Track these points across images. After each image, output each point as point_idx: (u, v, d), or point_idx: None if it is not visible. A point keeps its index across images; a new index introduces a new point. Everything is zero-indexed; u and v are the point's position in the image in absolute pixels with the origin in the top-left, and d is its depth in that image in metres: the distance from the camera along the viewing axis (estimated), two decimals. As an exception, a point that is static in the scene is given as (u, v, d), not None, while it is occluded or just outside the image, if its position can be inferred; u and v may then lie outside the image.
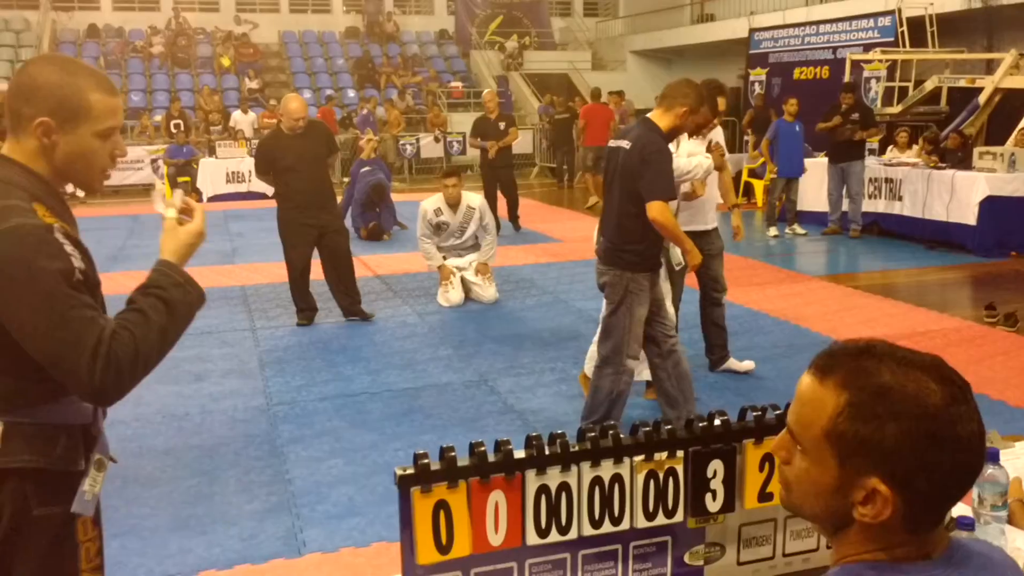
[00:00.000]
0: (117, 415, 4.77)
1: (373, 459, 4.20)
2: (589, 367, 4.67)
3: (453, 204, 7.20)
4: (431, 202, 7.26)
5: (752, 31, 16.60)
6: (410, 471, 1.51)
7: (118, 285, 7.98)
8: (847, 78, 12.13)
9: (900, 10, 13.43)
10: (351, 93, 20.20)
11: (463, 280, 7.24)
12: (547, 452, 1.59)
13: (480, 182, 10.74)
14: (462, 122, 17.99)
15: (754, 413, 1.72)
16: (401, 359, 5.78)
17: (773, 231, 10.46)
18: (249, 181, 15.12)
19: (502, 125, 10.82)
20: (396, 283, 8.02)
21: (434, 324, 6.63)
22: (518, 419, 4.69)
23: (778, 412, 1.73)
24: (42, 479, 1.75)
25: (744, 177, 13.32)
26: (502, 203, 10.82)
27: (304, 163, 6.31)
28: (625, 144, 4.04)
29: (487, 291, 7.26)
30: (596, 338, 4.64)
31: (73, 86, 1.79)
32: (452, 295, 7.13)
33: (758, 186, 12.98)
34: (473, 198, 7.39)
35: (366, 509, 3.69)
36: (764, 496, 1.70)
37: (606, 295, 4.19)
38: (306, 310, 6.66)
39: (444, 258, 7.27)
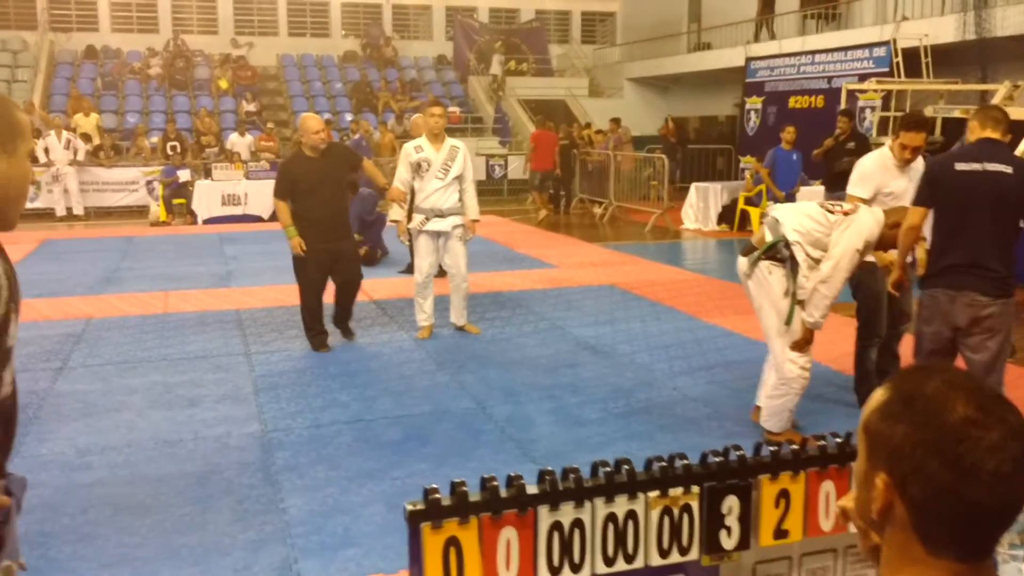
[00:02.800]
0: (109, 441, 4.72)
1: (370, 488, 4.13)
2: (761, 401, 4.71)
3: (437, 137, 6.63)
4: (413, 141, 6.84)
5: (748, 60, 16.71)
6: (420, 506, 1.46)
7: (111, 307, 7.97)
8: (843, 106, 12.19)
9: (895, 41, 13.54)
10: (348, 117, 20.22)
11: (439, 246, 6.78)
12: (561, 487, 1.54)
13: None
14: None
15: (770, 448, 1.68)
16: (397, 385, 5.72)
17: (770, 259, 10.43)
18: (245, 204, 15.10)
19: None
20: (391, 308, 7.97)
21: (430, 349, 6.58)
22: (516, 448, 4.63)
23: (794, 447, 1.69)
24: None
25: (740, 205, 13.35)
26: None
27: (325, 186, 6.27)
28: (1004, 168, 3.93)
29: (461, 260, 6.76)
30: (766, 367, 4.64)
31: (4, 106, 1.74)
32: (424, 263, 6.76)
33: (754, 214, 12.99)
34: (458, 142, 6.83)
35: (363, 540, 3.62)
36: (780, 533, 1.66)
37: (988, 326, 4.00)
38: (321, 334, 6.58)
39: (425, 220, 6.64)
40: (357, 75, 22.59)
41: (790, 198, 10.57)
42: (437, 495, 1.47)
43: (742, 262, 4.62)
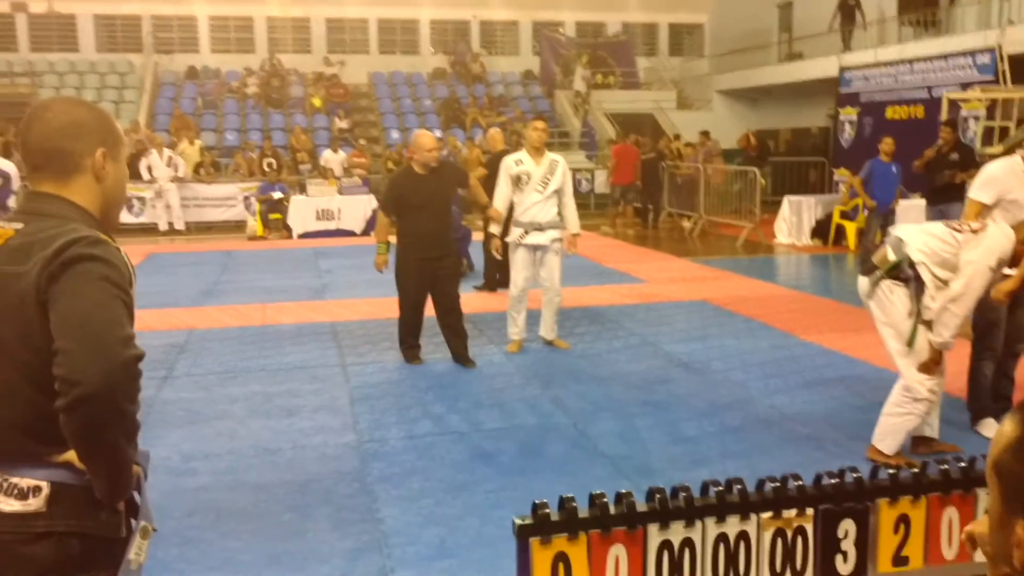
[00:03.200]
0: (212, 448, 4.87)
1: (463, 500, 4.16)
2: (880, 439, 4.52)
3: (537, 151, 6.70)
4: (513, 155, 6.92)
5: (843, 70, 16.31)
6: (529, 521, 1.46)
7: (212, 319, 8.24)
8: (944, 116, 11.78)
9: (1000, 47, 13.02)
10: (437, 133, 20.49)
11: (534, 260, 6.81)
12: (671, 506, 1.52)
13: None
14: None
15: (888, 471, 1.62)
16: (489, 399, 5.75)
17: (867, 274, 10.13)
18: (338, 219, 15.45)
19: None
20: (481, 321, 8.01)
21: (520, 363, 6.59)
22: (609, 464, 4.60)
23: (914, 471, 1.63)
24: (87, 544, 1.74)
25: (835, 219, 13.03)
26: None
27: (433, 204, 6.31)
28: None
29: (555, 274, 6.79)
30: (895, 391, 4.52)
31: (107, 118, 1.89)
32: (520, 277, 6.79)
33: (850, 228, 12.66)
34: (557, 156, 6.87)
35: (458, 551, 3.64)
36: (899, 560, 1.60)
37: None
38: (414, 347, 6.64)
39: (524, 233, 6.71)
40: (446, 92, 22.92)
41: (890, 212, 10.26)
42: (547, 510, 1.46)
43: (863, 282, 4.52)
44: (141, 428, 1.75)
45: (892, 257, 4.36)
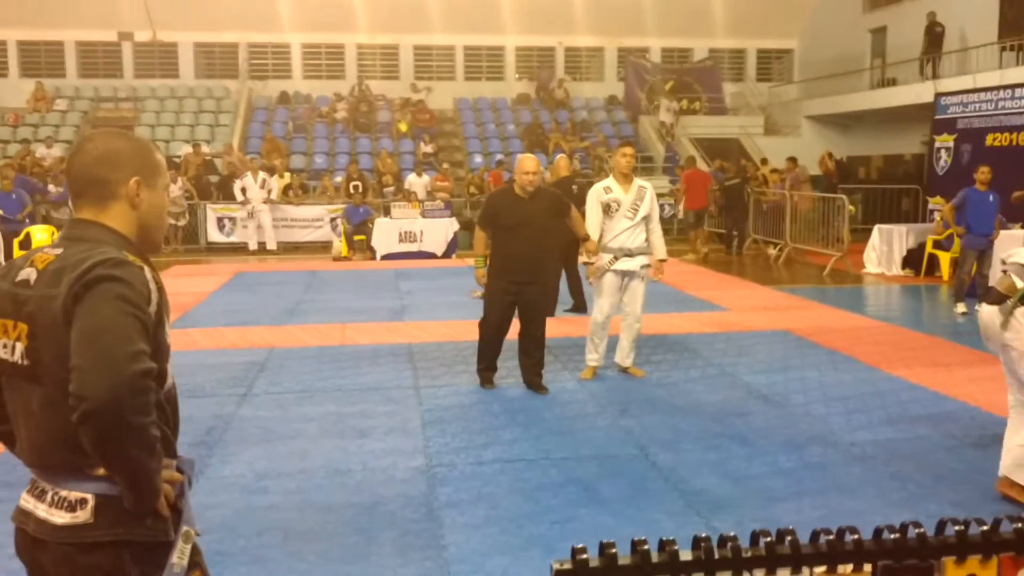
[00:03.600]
0: (284, 467, 4.94)
1: (529, 530, 4.11)
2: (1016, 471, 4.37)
3: (626, 178, 6.68)
4: (602, 182, 6.88)
5: (939, 95, 15.79)
6: (568, 565, 1.42)
7: (293, 338, 8.41)
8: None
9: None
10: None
11: (621, 286, 6.76)
12: (716, 555, 1.46)
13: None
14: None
15: (955, 527, 1.53)
16: (560, 426, 5.70)
17: (961, 307, 9.74)
18: (420, 241, 15.65)
19: (574, 188, 9.97)
20: (556, 347, 7.96)
21: (594, 391, 6.52)
22: (680, 499, 4.49)
23: (984, 528, 1.53)
24: (137, 551, 1.83)
25: (928, 249, 12.58)
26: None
27: (527, 228, 6.26)
28: None
29: (639, 301, 6.74)
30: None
31: (145, 147, 1.99)
32: (606, 303, 6.74)
33: (944, 258, 12.20)
34: (645, 182, 6.86)
35: (520, 583, 3.60)
36: (968, 624, 1.50)
37: None
38: (490, 370, 6.62)
39: (613, 259, 6.66)
40: (529, 117, 23.05)
41: (988, 243, 9.83)
42: (584, 555, 1.42)
43: (989, 311, 4.30)
44: (211, 453, 1.80)
45: (1020, 284, 4.19)
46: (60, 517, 1.83)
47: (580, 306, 9.65)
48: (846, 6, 23.20)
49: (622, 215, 6.65)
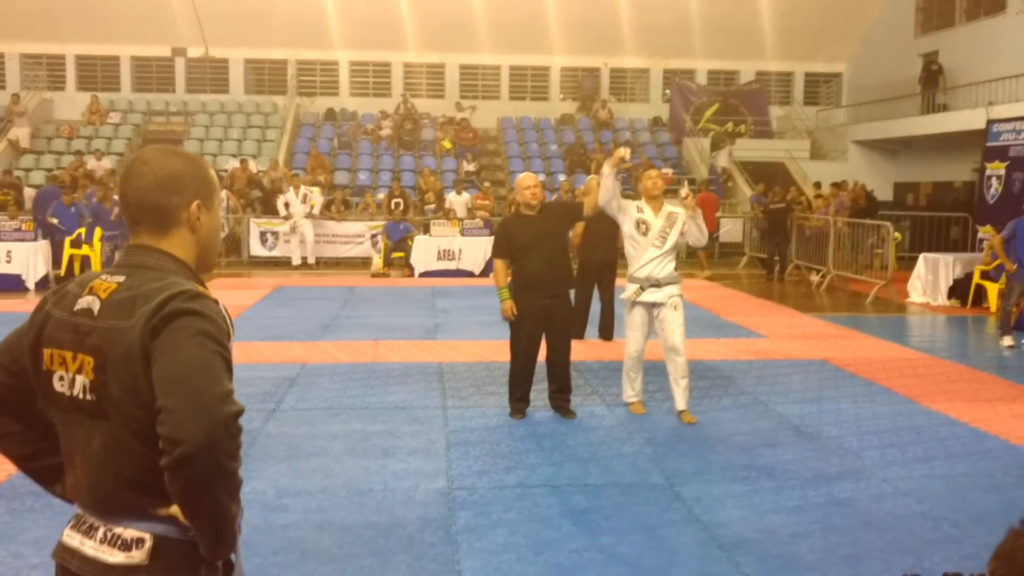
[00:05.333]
0: (306, 485, 4.94)
1: (546, 558, 4.04)
2: None
3: (654, 200, 6.42)
4: (634, 202, 6.56)
5: (991, 122, 15.46)
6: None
7: (325, 354, 8.45)
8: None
9: None
10: (561, 177, 20.63)
11: (651, 319, 6.44)
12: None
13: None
14: (670, 209, 17.90)
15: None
16: (585, 452, 5.62)
17: (1008, 341, 9.48)
18: (459, 259, 15.68)
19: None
20: (586, 370, 7.90)
21: (622, 418, 6.43)
22: (703, 531, 4.39)
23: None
24: None
25: (976, 279, 12.28)
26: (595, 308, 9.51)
27: (542, 243, 6.23)
28: None
29: (676, 332, 6.28)
30: None
31: (201, 166, 1.90)
32: (635, 335, 6.44)
33: (992, 289, 11.90)
34: (676, 207, 6.50)
35: (532, 613, 3.53)
36: None
37: None
38: (522, 401, 6.47)
39: (639, 290, 6.34)
40: (573, 137, 23.05)
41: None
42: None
43: None
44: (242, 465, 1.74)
45: None
46: (113, 556, 1.74)
47: (606, 333, 9.44)
48: (898, 31, 22.90)
49: (650, 242, 6.33)
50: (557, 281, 6.35)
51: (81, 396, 1.74)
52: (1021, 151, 14.46)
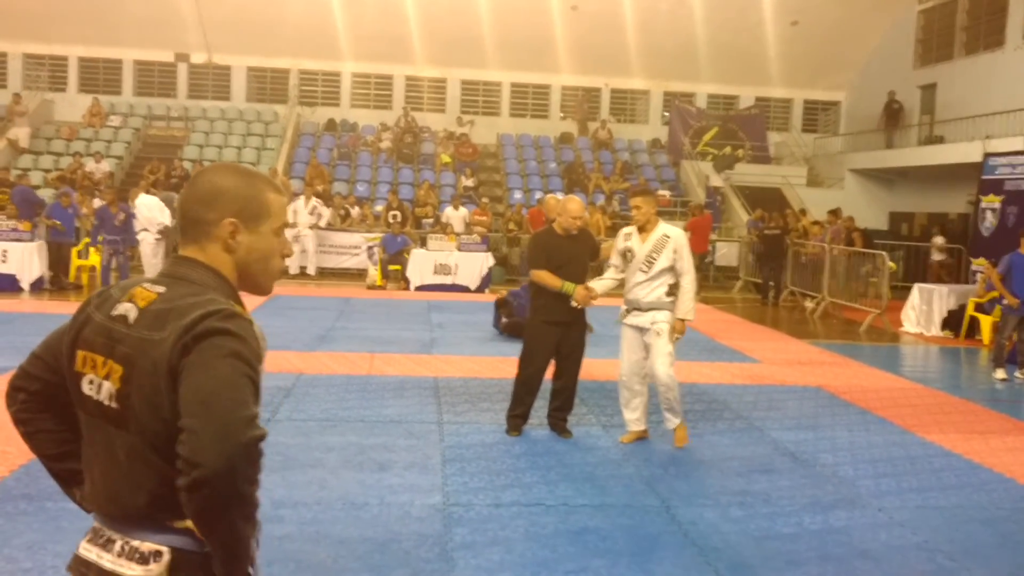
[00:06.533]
0: (301, 496, 4.92)
1: (541, 578, 4.04)
2: None
3: (640, 227, 6.31)
4: (627, 227, 6.52)
5: (987, 155, 15.58)
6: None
7: (321, 365, 8.43)
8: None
9: None
10: (559, 196, 20.65)
11: (642, 343, 6.29)
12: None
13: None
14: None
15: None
16: (582, 472, 5.62)
17: (1000, 374, 9.53)
18: (455, 274, 15.69)
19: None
20: (583, 390, 7.89)
21: (617, 439, 6.43)
22: (698, 555, 4.39)
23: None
24: None
25: (969, 311, 12.34)
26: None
27: (570, 267, 6.25)
28: None
29: (658, 359, 6.08)
30: None
31: (252, 187, 1.85)
32: (625, 359, 6.31)
33: (985, 322, 11.95)
34: (673, 230, 6.33)
35: (528, 633, 3.53)
36: None
37: None
38: (520, 418, 6.43)
39: (626, 312, 6.30)
40: (572, 156, 23.14)
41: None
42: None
43: None
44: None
45: None
46: (130, 569, 1.73)
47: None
48: (897, 61, 23.10)
49: (636, 267, 6.24)
50: (578, 309, 6.33)
51: (107, 402, 1.74)
52: (1016, 185, 14.57)
